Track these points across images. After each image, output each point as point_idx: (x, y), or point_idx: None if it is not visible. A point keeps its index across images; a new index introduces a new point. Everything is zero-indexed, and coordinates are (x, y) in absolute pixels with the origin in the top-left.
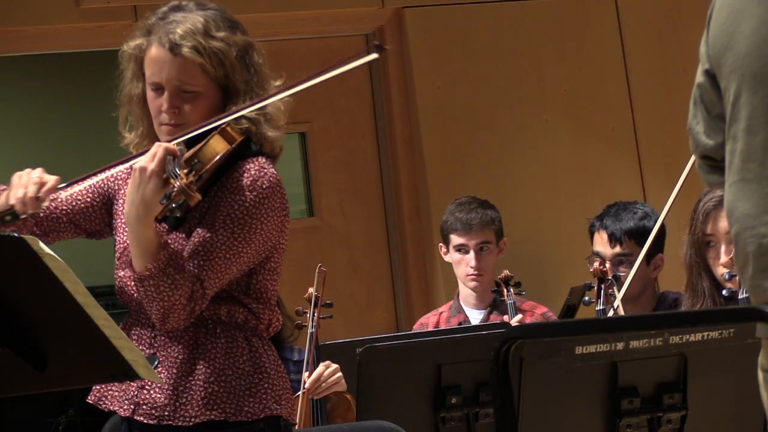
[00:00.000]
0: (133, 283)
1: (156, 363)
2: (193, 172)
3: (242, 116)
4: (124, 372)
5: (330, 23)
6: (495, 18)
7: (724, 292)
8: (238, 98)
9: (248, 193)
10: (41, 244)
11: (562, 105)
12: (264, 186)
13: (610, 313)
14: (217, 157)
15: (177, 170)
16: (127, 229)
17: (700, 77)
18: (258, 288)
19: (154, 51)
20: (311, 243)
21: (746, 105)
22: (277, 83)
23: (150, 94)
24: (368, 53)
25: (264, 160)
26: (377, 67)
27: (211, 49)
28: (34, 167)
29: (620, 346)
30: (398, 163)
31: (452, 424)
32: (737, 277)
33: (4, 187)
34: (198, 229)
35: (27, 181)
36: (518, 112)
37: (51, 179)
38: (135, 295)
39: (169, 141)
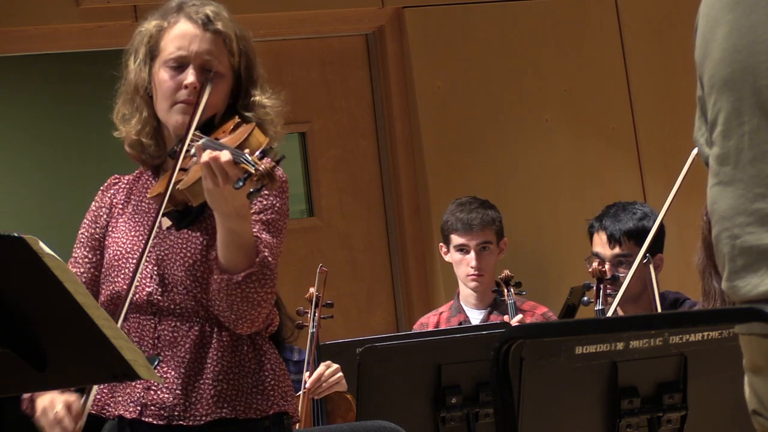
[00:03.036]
0: (220, 290)
1: (156, 363)
2: (271, 159)
3: (262, 106)
4: (124, 372)
5: (330, 23)
6: (495, 18)
7: None
8: (255, 89)
9: (276, 190)
10: (41, 244)
11: (562, 105)
12: (282, 180)
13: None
14: (262, 147)
15: (248, 156)
16: (224, 232)
17: (698, 90)
18: None
19: (183, 26)
20: (311, 243)
21: (722, 110)
22: None
23: (166, 73)
24: None
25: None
26: (377, 67)
27: (240, 34)
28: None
29: (620, 346)
30: (398, 163)
31: (452, 424)
32: None
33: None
34: None
35: (55, 419)
36: (518, 112)
37: (73, 401)
38: (139, 298)
39: (186, 129)
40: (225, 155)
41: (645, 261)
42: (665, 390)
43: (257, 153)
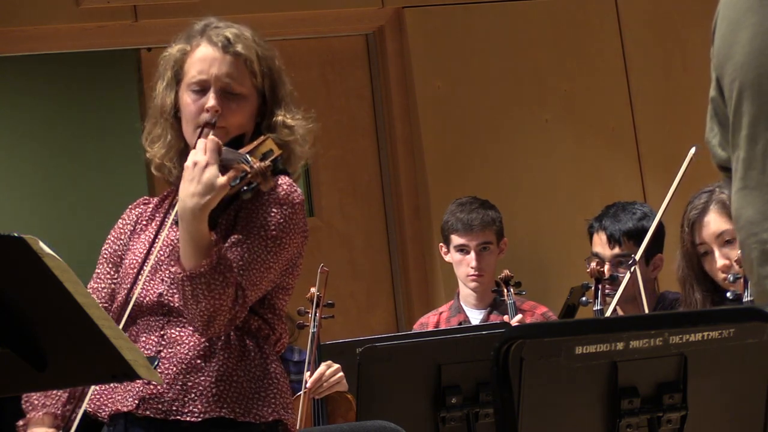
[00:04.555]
0: (175, 283)
1: (156, 363)
2: (267, 160)
3: (285, 126)
4: (124, 372)
5: (330, 23)
6: (495, 18)
7: (728, 294)
8: (279, 110)
9: (281, 208)
10: (41, 244)
11: (562, 105)
12: (295, 202)
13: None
14: (273, 156)
15: (248, 157)
16: (180, 225)
17: (712, 91)
18: (271, 303)
19: (204, 50)
20: (311, 243)
21: (746, 113)
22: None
23: (189, 97)
24: None
25: (290, 179)
26: (377, 67)
27: (262, 55)
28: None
29: (620, 346)
30: (398, 163)
31: (452, 424)
32: (741, 280)
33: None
34: (232, 238)
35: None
36: (518, 112)
37: (213, 141)
38: (150, 300)
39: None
40: (214, 138)
41: (630, 262)
42: (665, 390)
43: (260, 157)
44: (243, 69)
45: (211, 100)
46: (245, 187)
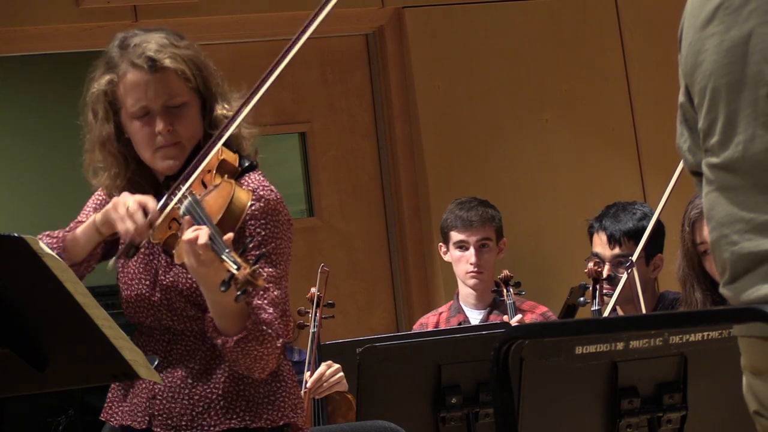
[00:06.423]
0: (228, 347)
1: (156, 363)
2: (249, 257)
3: (225, 117)
4: (124, 372)
5: (330, 23)
6: (495, 18)
7: None
8: (217, 104)
9: (266, 216)
10: (41, 244)
11: (562, 105)
12: (272, 200)
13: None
14: (246, 208)
15: (232, 256)
16: (210, 303)
17: (681, 97)
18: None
19: (132, 77)
20: (311, 243)
21: (717, 120)
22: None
23: (135, 125)
24: None
25: (257, 175)
26: (377, 67)
27: (187, 57)
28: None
29: (620, 346)
30: (398, 163)
31: (452, 424)
32: None
33: (73, 224)
34: None
35: (126, 213)
36: (518, 112)
37: (148, 201)
38: (153, 325)
39: (177, 174)
40: (203, 237)
41: (627, 264)
42: (665, 390)
43: (240, 250)
44: (176, 79)
45: (159, 123)
46: (238, 293)
